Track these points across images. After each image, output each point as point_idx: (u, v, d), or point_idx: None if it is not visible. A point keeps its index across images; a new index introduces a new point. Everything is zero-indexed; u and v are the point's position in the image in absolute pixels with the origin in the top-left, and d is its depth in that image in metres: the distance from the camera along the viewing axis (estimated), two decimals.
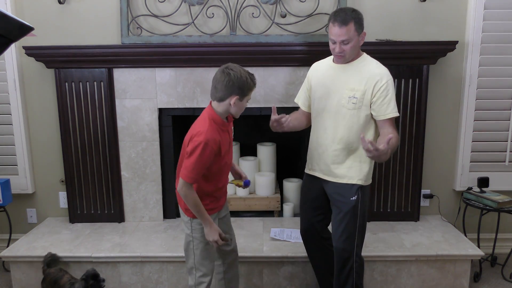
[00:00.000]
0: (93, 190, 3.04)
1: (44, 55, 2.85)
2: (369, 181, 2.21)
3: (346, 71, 2.12)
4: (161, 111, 2.99)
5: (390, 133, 2.05)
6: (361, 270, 2.25)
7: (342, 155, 2.15)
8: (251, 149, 3.41)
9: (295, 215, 3.19)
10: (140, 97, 2.93)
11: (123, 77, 2.91)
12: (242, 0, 2.82)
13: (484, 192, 2.88)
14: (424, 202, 3.13)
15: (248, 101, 2.01)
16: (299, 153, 3.13)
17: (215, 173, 2.02)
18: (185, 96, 2.92)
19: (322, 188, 2.25)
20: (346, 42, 2.02)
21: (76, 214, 3.08)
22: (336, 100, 2.12)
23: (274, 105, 2.16)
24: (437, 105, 3.01)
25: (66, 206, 3.11)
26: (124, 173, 3.04)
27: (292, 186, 3.24)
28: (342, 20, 2.00)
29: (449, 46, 2.80)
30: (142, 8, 2.87)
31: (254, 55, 2.81)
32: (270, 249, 2.66)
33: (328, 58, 2.23)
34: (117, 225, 3.05)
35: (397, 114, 2.07)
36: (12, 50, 2.93)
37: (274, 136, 3.38)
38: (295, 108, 2.45)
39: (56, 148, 3.07)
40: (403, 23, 2.89)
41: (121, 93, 2.93)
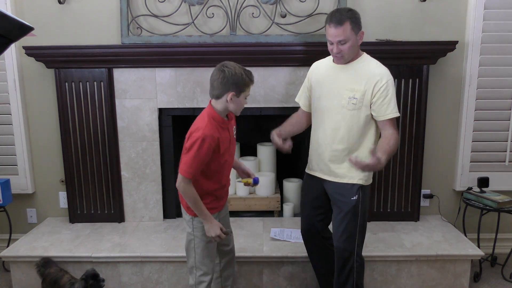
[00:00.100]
0: (93, 190, 3.04)
1: (44, 55, 2.85)
2: (370, 181, 2.21)
3: (346, 71, 2.11)
4: (161, 111, 2.99)
5: (391, 134, 2.05)
6: (362, 270, 2.25)
7: (343, 155, 2.15)
8: (251, 149, 3.41)
9: (295, 215, 3.19)
10: (140, 97, 2.93)
11: (123, 77, 2.91)
12: (242, 0, 2.82)
13: (484, 192, 2.88)
14: (424, 202, 3.12)
15: (247, 98, 2.02)
16: (299, 153, 3.12)
17: (216, 171, 2.03)
18: (185, 96, 2.92)
19: (323, 188, 2.25)
20: (343, 42, 2.02)
21: (76, 214, 3.08)
22: (336, 101, 2.11)
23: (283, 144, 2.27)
24: (437, 105, 3.01)
25: (66, 206, 3.11)
26: (124, 173, 3.04)
27: (292, 186, 3.24)
28: (338, 21, 2.00)
29: (449, 46, 2.80)
30: (142, 8, 2.87)
31: (254, 55, 2.81)
32: (270, 249, 2.66)
33: (328, 58, 2.23)
34: (117, 225, 3.05)
35: (397, 115, 2.07)
36: (12, 50, 2.93)
37: None
38: (295, 108, 2.45)
39: (56, 148, 3.07)
40: (403, 23, 2.89)
41: (121, 93, 2.93)
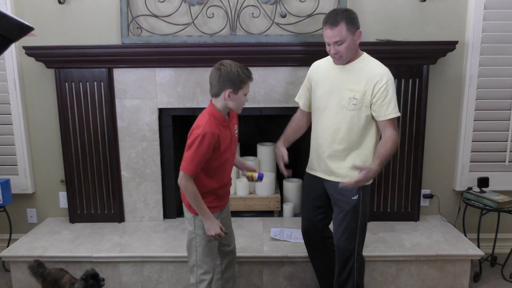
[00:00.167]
0: (93, 190, 3.04)
1: (44, 55, 2.85)
2: (371, 180, 2.21)
3: (346, 72, 2.11)
4: (161, 111, 2.99)
5: (389, 136, 2.06)
6: (362, 270, 2.25)
7: (343, 155, 2.15)
8: (251, 149, 3.41)
9: (295, 215, 3.19)
10: (140, 97, 2.93)
11: (123, 77, 2.91)
12: (242, 0, 2.82)
13: (484, 192, 2.89)
14: (424, 202, 3.13)
15: (247, 95, 2.03)
16: (299, 153, 3.12)
17: (217, 169, 2.05)
18: (185, 96, 2.92)
19: (323, 187, 2.25)
20: (340, 43, 2.02)
21: (76, 214, 3.08)
22: (337, 101, 2.11)
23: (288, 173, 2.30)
24: (437, 105, 3.01)
25: (66, 206, 3.11)
26: (124, 173, 3.04)
27: (292, 186, 3.24)
28: (333, 22, 2.01)
29: (449, 46, 2.79)
30: (142, 8, 2.87)
31: (254, 55, 2.81)
32: (270, 249, 2.66)
33: (329, 58, 2.22)
34: (117, 225, 3.05)
35: (398, 115, 2.07)
36: (12, 50, 2.93)
37: (274, 136, 3.39)
38: (295, 108, 2.45)
39: (56, 148, 3.07)
40: (403, 23, 2.89)
41: (121, 93, 2.93)
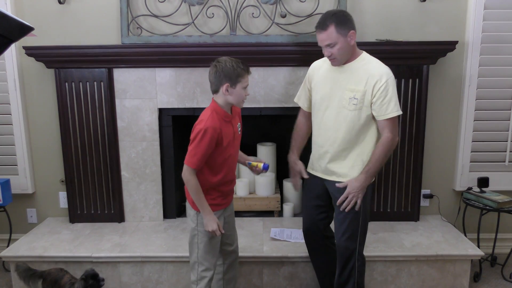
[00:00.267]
0: (93, 190, 3.04)
1: (44, 55, 2.85)
2: (372, 179, 2.21)
3: (346, 72, 2.11)
4: (161, 111, 2.99)
5: (384, 139, 2.08)
6: (363, 269, 2.25)
7: (344, 155, 2.15)
8: (251, 149, 3.40)
9: (295, 215, 3.19)
10: (140, 97, 2.93)
11: (123, 77, 2.91)
12: (242, 0, 2.82)
13: (484, 192, 2.88)
14: (424, 202, 3.12)
15: (246, 88, 2.05)
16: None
17: (221, 165, 2.08)
18: (185, 96, 2.92)
19: (324, 187, 2.25)
20: (332, 46, 2.04)
21: (76, 214, 3.08)
22: (337, 101, 2.11)
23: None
24: (437, 105, 3.01)
25: (66, 206, 3.11)
26: (124, 173, 3.04)
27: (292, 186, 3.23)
28: (322, 25, 2.04)
29: (449, 46, 2.79)
30: (142, 8, 2.87)
31: (254, 55, 2.81)
32: (270, 249, 2.66)
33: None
34: (117, 225, 3.05)
35: (398, 113, 2.06)
36: (12, 50, 2.93)
37: (274, 136, 3.40)
38: (295, 108, 2.45)
39: (56, 148, 3.07)
40: (403, 23, 2.89)
41: (121, 93, 2.93)
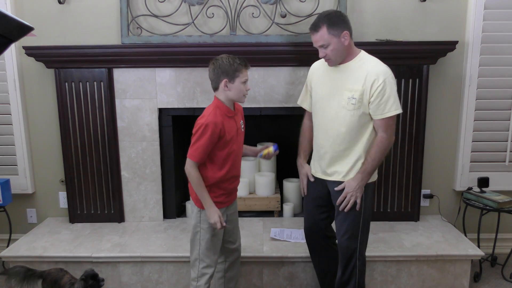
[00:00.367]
0: (93, 190, 3.04)
1: (44, 55, 2.85)
2: (375, 177, 2.21)
3: (344, 72, 2.11)
4: (161, 111, 2.99)
5: (378, 140, 2.09)
6: (364, 269, 2.25)
7: (344, 155, 2.14)
8: None
9: (295, 215, 3.19)
10: (140, 97, 2.93)
11: (123, 77, 2.91)
12: (242, 0, 2.82)
13: (484, 192, 2.88)
14: (424, 202, 3.12)
15: (246, 83, 2.07)
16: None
17: (224, 160, 2.10)
18: (185, 96, 2.92)
19: (326, 187, 2.25)
20: (325, 46, 2.05)
21: (76, 214, 3.08)
22: (336, 101, 2.11)
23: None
24: (437, 105, 3.01)
25: (66, 206, 3.11)
26: (124, 173, 3.04)
27: (292, 186, 3.23)
28: (314, 27, 2.06)
29: (449, 46, 2.79)
30: (142, 8, 2.87)
31: (254, 55, 2.81)
32: (270, 249, 2.66)
33: None
34: (117, 225, 3.05)
35: (395, 113, 2.05)
36: (12, 50, 2.93)
37: (274, 136, 3.39)
38: (295, 108, 2.45)
39: (56, 148, 3.07)
40: (403, 23, 2.89)
41: (121, 93, 2.93)
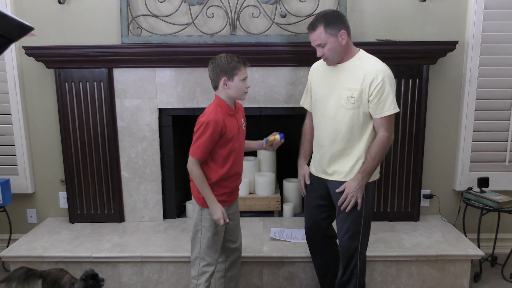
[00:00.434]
0: (93, 190, 3.04)
1: (44, 55, 2.85)
2: (377, 176, 2.20)
3: (343, 71, 2.11)
4: (161, 111, 2.99)
5: (379, 138, 2.08)
6: (364, 269, 2.25)
7: (344, 154, 2.14)
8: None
9: (295, 215, 3.19)
10: (140, 97, 2.93)
11: (123, 77, 2.91)
12: (242, 0, 2.82)
13: (484, 192, 2.88)
14: (424, 202, 3.12)
15: (245, 80, 2.08)
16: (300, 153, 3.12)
17: (226, 157, 2.11)
18: (185, 96, 2.92)
19: (326, 186, 2.25)
20: (323, 46, 2.06)
21: (76, 214, 3.08)
22: (335, 101, 2.11)
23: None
24: (437, 105, 3.01)
25: (66, 206, 3.11)
26: (124, 173, 3.04)
27: (292, 186, 3.23)
28: (311, 26, 2.07)
29: (449, 46, 2.79)
30: (142, 8, 2.87)
31: (254, 55, 2.80)
32: (270, 249, 2.66)
33: None
34: (117, 225, 3.05)
35: (395, 111, 2.05)
36: (12, 50, 2.93)
37: None
38: (295, 108, 2.45)
39: (56, 148, 3.07)
40: (403, 23, 2.89)
41: (121, 93, 2.93)
